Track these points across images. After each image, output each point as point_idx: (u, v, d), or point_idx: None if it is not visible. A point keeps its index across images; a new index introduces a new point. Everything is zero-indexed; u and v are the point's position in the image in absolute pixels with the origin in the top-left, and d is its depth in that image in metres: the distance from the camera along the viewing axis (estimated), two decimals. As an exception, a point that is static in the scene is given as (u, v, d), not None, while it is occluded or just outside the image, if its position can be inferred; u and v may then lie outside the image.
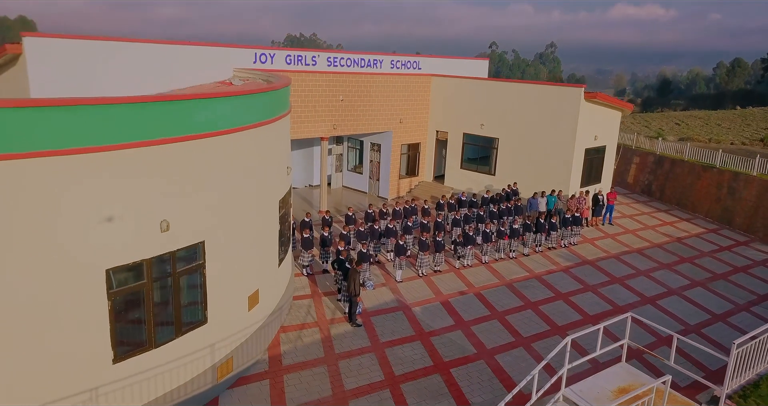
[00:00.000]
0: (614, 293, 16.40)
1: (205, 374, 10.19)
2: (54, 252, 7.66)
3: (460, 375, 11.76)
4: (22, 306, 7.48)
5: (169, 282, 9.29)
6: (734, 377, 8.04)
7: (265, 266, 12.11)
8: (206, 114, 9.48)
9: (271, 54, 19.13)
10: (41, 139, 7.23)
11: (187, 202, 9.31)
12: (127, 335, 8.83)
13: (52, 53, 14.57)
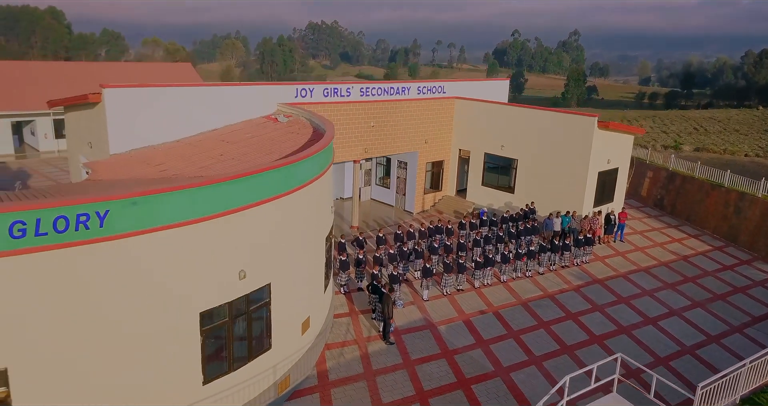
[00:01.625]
0: (619, 313, 18.21)
1: (269, 390, 12.36)
2: (168, 302, 9.81)
3: (480, 391, 13.77)
4: (144, 340, 9.66)
5: (244, 318, 11.42)
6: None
7: (314, 295, 14.20)
8: (279, 179, 11.49)
9: (310, 89, 21.08)
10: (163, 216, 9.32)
11: (259, 252, 11.39)
12: (213, 362, 10.99)
13: (126, 100, 16.70)
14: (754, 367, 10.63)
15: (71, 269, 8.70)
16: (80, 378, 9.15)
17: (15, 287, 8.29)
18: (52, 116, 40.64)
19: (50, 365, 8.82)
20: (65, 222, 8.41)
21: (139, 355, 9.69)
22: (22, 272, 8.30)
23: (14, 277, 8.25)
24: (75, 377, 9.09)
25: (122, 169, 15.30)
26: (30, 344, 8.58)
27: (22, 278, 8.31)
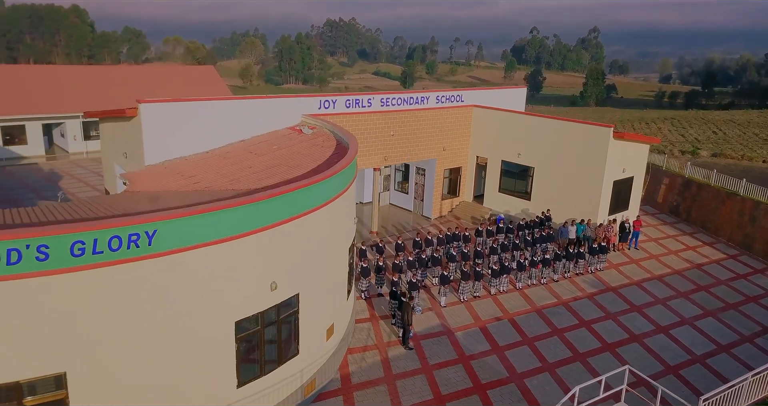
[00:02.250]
0: (632, 322, 18.74)
1: (296, 393, 13.18)
2: (207, 312, 10.67)
3: (495, 396, 14.46)
4: (186, 347, 10.53)
5: (274, 326, 12.24)
6: None
7: (338, 302, 14.99)
8: (308, 197, 12.28)
9: (333, 100, 21.85)
10: (204, 235, 10.16)
11: (289, 265, 12.19)
12: (246, 367, 11.83)
13: (160, 114, 17.62)
14: (756, 380, 11.17)
15: (122, 284, 9.57)
16: (128, 381, 10.03)
17: (74, 301, 9.18)
18: (81, 119, 42.00)
19: (103, 369, 9.71)
20: (119, 241, 9.27)
21: (180, 360, 10.55)
22: (81, 287, 9.18)
23: (74, 291, 9.14)
24: (123, 380, 9.98)
25: (158, 181, 16.22)
26: (85, 351, 9.47)
27: (80, 292, 9.20)
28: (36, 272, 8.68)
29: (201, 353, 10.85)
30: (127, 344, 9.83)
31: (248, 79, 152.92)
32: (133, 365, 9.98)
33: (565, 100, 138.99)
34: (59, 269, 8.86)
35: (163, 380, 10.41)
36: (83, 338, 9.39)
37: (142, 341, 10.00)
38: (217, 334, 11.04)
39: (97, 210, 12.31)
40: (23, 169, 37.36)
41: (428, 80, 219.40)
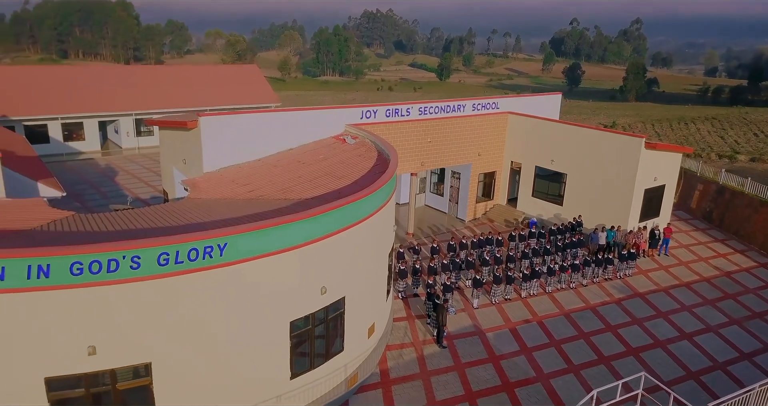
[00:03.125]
0: (657, 328, 19.57)
1: (340, 385, 14.64)
2: (266, 313, 12.18)
3: (522, 395, 15.63)
4: (248, 343, 12.08)
5: (323, 326, 13.70)
6: None
7: (378, 303, 16.37)
8: (356, 210, 13.64)
9: (374, 110, 23.15)
10: (267, 246, 11.64)
11: (337, 272, 13.61)
12: (299, 360, 13.33)
13: (217, 126, 19.24)
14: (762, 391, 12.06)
15: (198, 289, 11.13)
16: (200, 371, 11.64)
17: (159, 303, 10.79)
18: (133, 116, 44.47)
19: (181, 360, 11.32)
20: (196, 253, 10.82)
21: (243, 354, 12.10)
22: (165, 292, 10.77)
23: (159, 295, 10.74)
24: (197, 369, 11.58)
25: (216, 188, 17.85)
26: (168, 344, 11.09)
27: (164, 295, 10.80)
28: (131, 279, 10.30)
29: (260, 348, 12.38)
30: (201, 338, 11.41)
31: (287, 72, 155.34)
32: (205, 357, 11.57)
33: (604, 94, 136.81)
34: (148, 276, 10.45)
35: (229, 371, 11.98)
36: (166, 333, 11.00)
37: (213, 337, 11.57)
38: (274, 332, 12.56)
39: (171, 219, 13.96)
40: (82, 165, 39.94)
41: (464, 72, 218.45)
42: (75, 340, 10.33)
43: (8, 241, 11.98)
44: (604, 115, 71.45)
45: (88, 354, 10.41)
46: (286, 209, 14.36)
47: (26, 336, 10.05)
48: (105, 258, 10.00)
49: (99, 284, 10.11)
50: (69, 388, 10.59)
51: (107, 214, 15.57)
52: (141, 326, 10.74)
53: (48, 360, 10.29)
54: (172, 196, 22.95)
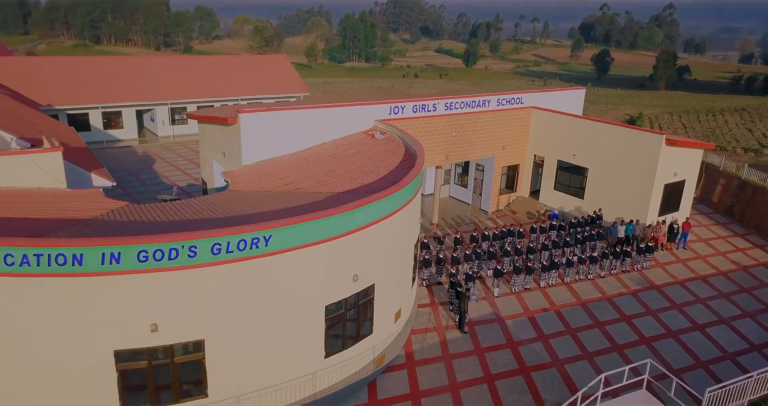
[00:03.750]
0: (670, 319, 20.41)
1: (369, 365, 15.95)
2: (304, 298, 13.51)
3: (537, 378, 16.75)
4: (288, 324, 13.43)
5: (354, 310, 14.98)
6: None
7: (404, 290, 17.59)
8: (386, 205, 14.80)
9: (401, 106, 24.17)
10: (307, 238, 12.91)
11: (368, 261, 14.83)
12: (333, 341, 14.65)
13: (256, 122, 20.52)
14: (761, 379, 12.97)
15: (245, 276, 12.47)
16: (246, 349, 13.03)
17: (211, 288, 12.16)
18: (169, 106, 46.18)
19: (230, 339, 12.72)
20: (244, 243, 12.13)
21: (284, 334, 13.46)
22: (216, 277, 12.14)
23: (211, 280, 12.11)
24: (243, 348, 12.98)
25: (255, 181, 19.17)
26: (219, 324, 12.48)
27: (215, 281, 12.16)
28: (188, 266, 11.67)
29: (299, 329, 13.72)
30: (247, 319, 12.79)
31: (313, 59, 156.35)
32: (250, 336, 12.95)
33: (634, 82, 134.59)
34: (203, 263, 11.81)
35: (271, 349, 13.37)
36: (218, 314, 12.40)
37: (258, 318, 12.94)
38: (311, 315, 13.88)
39: (218, 210, 15.32)
40: (120, 152, 41.85)
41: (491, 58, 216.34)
42: (140, 318, 11.78)
43: (78, 229, 13.48)
44: (631, 105, 70.93)
45: (150, 331, 11.87)
46: (322, 202, 15.58)
47: (99, 314, 11.53)
48: (167, 247, 11.37)
49: (161, 270, 11.50)
50: (134, 360, 12.09)
51: (157, 204, 17.03)
52: (196, 307, 12.14)
53: (117, 335, 11.78)
54: (211, 186, 24.41)
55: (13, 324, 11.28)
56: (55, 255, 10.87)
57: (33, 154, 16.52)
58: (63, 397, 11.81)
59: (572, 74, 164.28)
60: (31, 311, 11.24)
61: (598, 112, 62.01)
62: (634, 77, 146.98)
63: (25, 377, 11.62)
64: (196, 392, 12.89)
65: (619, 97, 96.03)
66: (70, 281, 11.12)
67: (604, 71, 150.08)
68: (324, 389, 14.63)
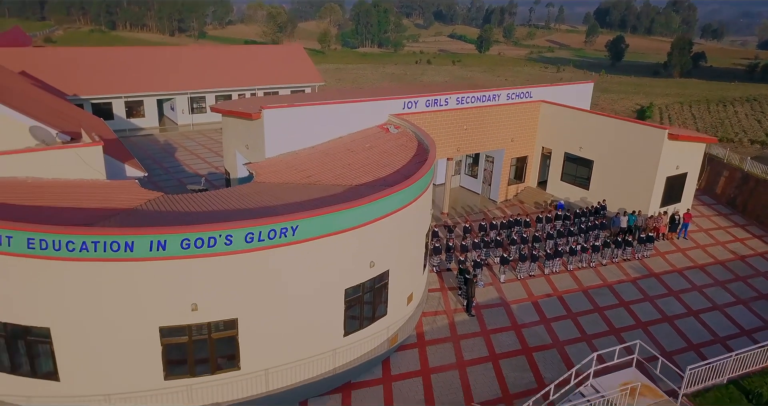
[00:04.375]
0: (667, 305, 21.66)
1: (383, 344, 17.42)
2: (326, 282, 14.96)
3: (539, 358, 18.14)
4: (312, 306, 14.91)
5: (370, 294, 16.42)
6: (689, 386, 13.68)
7: (416, 276, 18.99)
8: (401, 198, 16.14)
9: (415, 101, 25.34)
10: (329, 227, 14.31)
11: (383, 249, 16.22)
12: (351, 321, 16.12)
13: (278, 117, 21.85)
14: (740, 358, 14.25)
15: (274, 261, 13.91)
16: (274, 327, 14.52)
17: (244, 272, 13.63)
18: (188, 95, 47.63)
19: (260, 318, 14.22)
20: (274, 233, 13.54)
21: (308, 314, 14.94)
22: (249, 263, 13.59)
23: (244, 266, 13.56)
24: (272, 326, 14.47)
25: (278, 173, 20.56)
26: (251, 304, 13.98)
27: (248, 266, 13.62)
28: (224, 253, 13.12)
29: (321, 310, 15.20)
30: (275, 301, 14.28)
31: (326, 45, 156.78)
32: (278, 316, 14.44)
33: (648, 69, 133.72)
34: (238, 250, 13.26)
35: (295, 328, 14.86)
36: (250, 296, 13.88)
37: (285, 300, 14.42)
38: (332, 297, 15.33)
39: (246, 202, 16.74)
40: (143, 141, 43.43)
41: (504, 44, 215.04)
42: (182, 299, 13.30)
43: (123, 218, 15.00)
44: (643, 93, 71.20)
45: (191, 310, 13.39)
46: (341, 195, 16.95)
47: (147, 294, 13.06)
48: (206, 236, 12.82)
49: (201, 256, 12.97)
50: (176, 335, 13.63)
51: (189, 195, 18.49)
52: (231, 289, 13.63)
53: (162, 313, 13.31)
54: (233, 176, 25.87)
55: (76, 301, 12.86)
56: (110, 242, 12.37)
57: (77, 148, 17.99)
58: (119, 368, 13.42)
59: (586, 61, 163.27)
60: (90, 291, 12.80)
61: (609, 102, 62.54)
62: (649, 64, 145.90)
63: (91, 349, 13.24)
64: (230, 365, 14.45)
65: (632, 85, 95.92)
66: (122, 265, 12.63)
67: (618, 58, 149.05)
68: (343, 364, 16.13)
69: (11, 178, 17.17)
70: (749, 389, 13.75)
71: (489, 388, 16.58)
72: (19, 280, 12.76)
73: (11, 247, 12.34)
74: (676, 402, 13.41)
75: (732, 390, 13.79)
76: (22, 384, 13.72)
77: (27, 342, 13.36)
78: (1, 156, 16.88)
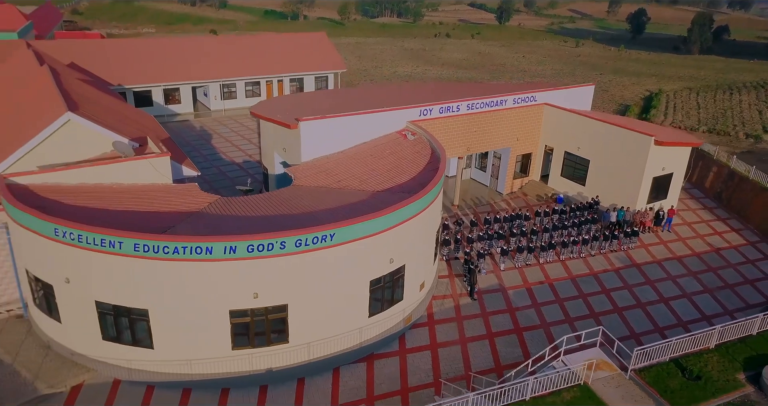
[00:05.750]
0: (642, 293, 25.30)
1: (400, 323, 21.43)
2: (356, 275, 18.93)
3: (527, 337, 22.04)
4: (346, 293, 18.92)
5: (389, 283, 20.36)
6: (637, 363, 17.43)
7: (427, 267, 22.85)
8: (418, 205, 19.87)
9: (429, 109, 28.70)
10: (360, 232, 18.16)
11: (401, 248, 20.06)
12: (374, 305, 20.10)
13: (312, 126, 25.46)
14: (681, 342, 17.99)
15: (316, 261, 17.83)
16: (315, 310, 18.57)
17: (294, 269, 17.59)
18: (220, 82, 51.16)
19: (304, 303, 18.27)
20: (317, 239, 17.43)
21: (340, 300, 18.95)
22: (297, 262, 17.53)
23: (294, 264, 17.51)
24: (313, 309, 18.52)
25: (312, 177, 24.28)
26: (298, 292, 18.00)
27: (297, 264, 17.56)
28: (279, 255, 17.05)
29: (351, 296, 19.19)
30: (316, 290, 18.28)
31: (346, 16, 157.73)
32: (318, 302, 18.47)
33: (668, 44, 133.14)
34: (289, 253, 17.19)
35: (331, 310, 18.91)
36: (297, 287, 17.90)
37: (324, 289, 18.41)
38: (360, 286, 19.30)
39: (291, 207, 20.54)
40: (179, 126, 47.29)
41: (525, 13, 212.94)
42: (246, 289, 17.35)
43: (194, 221, 18.95)
44: (656, 77, 72.89)
45: (253, 297, 17.45)
46: (366, 202, 20.68)
47: (221, 285, 17.12)
48: (266, 242, 16.75)
49: (262, 257, 16.93)
50: (241, 316, 17.75)
51: (240, 198, 22.37)
52: (283, 282, 17.64)
53: (231, 299, 17.40)
54: (271, 172, 29.68)
55: (168, 290, 17.01)
56: (194, 247, 16.37)
57: (150, 159, 21.88)
58: (198, 340, 17.65)
59: (607, 33, 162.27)
60: (179, 282, 16.91)
61: (620, 87, 64.68)
62: (670, 38, 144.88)
63: (178, 326, 17.45)
64: (281, 339, 18.59)
65: (648, 63, 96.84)
66: (203, 264, 16.65)
67: (639, 31, 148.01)
68: (367, 339, 20.22)
69: (101, 184, 21.17)
70: (684, 366, 17.51)
71: (484, 360, 20.60)
72: (126, 274, 16.90)
73: (122, 250, 16.42)
74: (626, 375, 17.27)
75: (671, 367, 17.57)
76: (125, 351, 18.05)
77: (130, 319, 17.60)
78: (95, 167, 20.86)
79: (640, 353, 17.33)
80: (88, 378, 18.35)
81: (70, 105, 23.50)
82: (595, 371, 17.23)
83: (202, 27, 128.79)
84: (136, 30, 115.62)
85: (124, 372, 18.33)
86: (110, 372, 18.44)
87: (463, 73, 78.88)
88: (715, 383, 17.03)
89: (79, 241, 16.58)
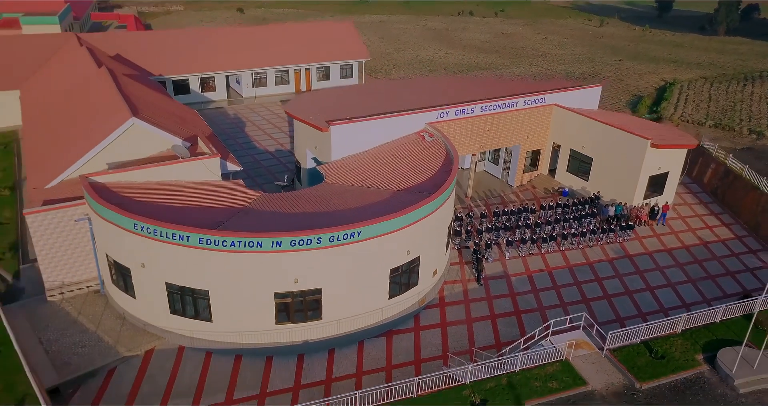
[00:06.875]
0: (631, 282, 28.50)
1: (415, 304, 25.04)
2: (378, 264, 22.53)
3: (525, 319, 25.51)
4: (371, 279, 22.57)
5: (407, 271, 23.92)
6: (611, 344, 20.82)
7: (440, 256, 26.33)
8: (434, 204, 23.25)
9: (446, 112, 31.74)
10: (382, 230, 21.68)
11: (417, 242, 23.54)
12: (393, 288, 23.72)
13: (341, 129, 28.81)
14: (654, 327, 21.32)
15: (345, 254, 21.41)
16: (344, 293, 22.26)
17: (328, 259, 21.22)
18: (251, 71, 54.41)
19: (335, 287, 21.95)
20: (346, 235, 20.97)
21: (365, 285, 22.59)
22: (331, 254, 21.13)
23: (328, 256, 21.13)
24: (343, 292, 22.21)
25: (342, 175, 27.72)
26: (330, 278, 21.68)
27: (330, 256, 21.17)
28: (316, 248, 20.67)
29: (374, 282, 22.82)
30: (346, 276, 21.94)
31: None
32: (347, 286, 22.15)
33: (696, 22, 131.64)
34: (324, 247, 20.79)
35: (357, 293, 22.59)
36: (330, 274, 21.58)
37: (352, 276, 22.06)
38: (381, 274, 22.90)
39: (324, 204, 24.05)
40: (215, 114, 50.80)
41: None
42: (288, 275, 21.08)
43: (241, 217, 22.62)
44: (674, 65, 73.93)
45: (294, 282, 21.20)
46: (388, 201, 24.08)
47: (268, 272, 20.87)
48: (306, 238, 20.37)
49: (303, 250, 20.57)
50: (284, 297, 21.54)
51: (281, 194, 25.94)
52: (319, 270, 21.31)
53: (276, 284, 21.16)
54: (303, 166, 33.20)
55: (226, 275, 20.83)
56: (247, 241, 20.06)
57: (204, 160, 25.52)
58: (249, 315, 21.54)
59: (633, 10, 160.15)
60: (234, 269, 20.68)
61: (635, 76, 66.12)
62: (697, 16, 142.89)
63: (233, 304, 21.34)
64: (315, 316, 22.37)
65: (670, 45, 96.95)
66: (255, 255, 20.36)
67: (666, 9, 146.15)
68: (387, 318, 23.93)
69: (164, 181, 24.90)
70: (652, 347, 20.90)
71: (486, 338, 24.20)
72: (191, 261, 20.72)
73: (189, 242, 20.20)
74: (602, 353, 20.74)
75: (641, 348, 20.96)
76: (188, 323, 22.04)
77: (194, 298, 21.52)
78: (159, 167, 24.58)
79: (615, 335, 20.73)
80: (159, 344, 22.43)
81: (132, 110, 27.16)
82: (575, 349, 20.73)
83: (228, 3, 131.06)
84: (165, 7, 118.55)
85: (187, 340, 22.36)
86: (176, 340, 22.49)
87: (484, 57, 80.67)
88: (676, 361, 20.41)
89: (154, 234, 20.39)
